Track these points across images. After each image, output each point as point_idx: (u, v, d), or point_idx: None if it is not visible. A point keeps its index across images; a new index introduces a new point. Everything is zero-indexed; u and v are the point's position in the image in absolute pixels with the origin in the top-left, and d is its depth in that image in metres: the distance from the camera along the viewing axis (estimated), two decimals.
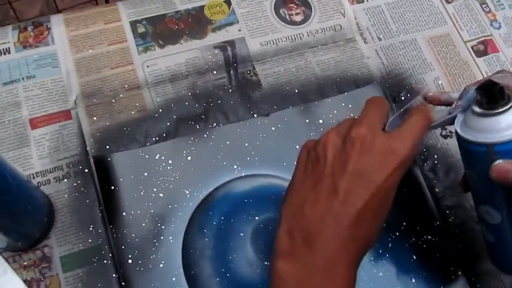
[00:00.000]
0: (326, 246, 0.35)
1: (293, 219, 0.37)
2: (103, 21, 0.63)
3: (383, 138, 0.37)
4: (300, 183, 0.38)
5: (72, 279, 0.52)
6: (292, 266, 0.35)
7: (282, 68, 0.64)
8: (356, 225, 0.35)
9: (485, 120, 0.41)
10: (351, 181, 0.36)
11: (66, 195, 0.55)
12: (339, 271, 0.35)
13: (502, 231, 0.45)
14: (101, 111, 0.59)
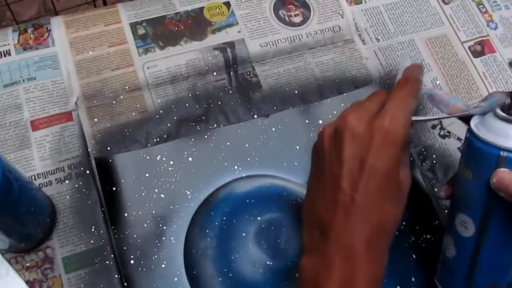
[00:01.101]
0: (340, 235, 0.36)
1: (309, 218, 0.39)
2: (103, 23, 0.63)
3: (367, 120, 0.38)
4: (311, 182, 0.41)
5: (75, 280, 0.52)
6: (311, 259, 0.37)
7: (281, 69, 0.64)
8: (364, 209, 0.37)
9: (506, 125, 0.41)
10: (347, 169, 0.37)
11: (68, 197, 0.55)
12: (355, 255, 0.36)
13: (469, 245, 0.45)
14: (102, 112, 0.59)
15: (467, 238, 0.45)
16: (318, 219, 0.38)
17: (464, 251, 0.46)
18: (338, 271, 0.36)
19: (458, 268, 0.47)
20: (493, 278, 0.45)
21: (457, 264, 0.47)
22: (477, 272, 0.45)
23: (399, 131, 0.38)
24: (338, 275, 0.36)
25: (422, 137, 0.62)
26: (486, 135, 0.42)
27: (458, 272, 0.47)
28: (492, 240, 0.44)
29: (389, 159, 0.37)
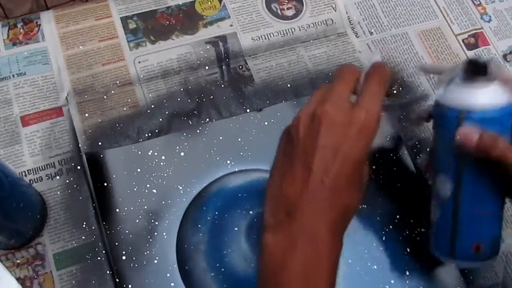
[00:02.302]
0: (306, 216, 0.38)
1: (275, 197, 0.40)
2: (93, 17, 0.63)
3: (345, 109, 0.39)
4: (279, 165, 0.41)
5: (66, 277, 0.52)
6: (277, 237, 0.38)
7: (274, 62, 0.64)
8: (332, 194, 0.38)
9: (464, 90, 0.45)
10: (321, 155, 0.38)
11: (59, 192, 0.55)
12: (320, 238, 0.37)
13: (449, 203, 0.48)
14: (93, 107, 0.58)
15: (446, 197, 0.48)
16: (285, 199, 0.39)
17: (445, 210, 0.49)
18: (303, 250, 0.37)
19: (443, 230, 0.50)
20: (476, 236, 0.48)
21: (441, 225, 0.50)
22: (459, 230, 0.48)
23: (373, 126, 0.40)
24: (303, 253, 0.37)
25: (416, 130, 0.62)
26: (447, 101, 0.46)
27: (443, 234, 0.49)
28: (467, 195, 0.47)
29: (362, 150, 0.39)
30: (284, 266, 0.37)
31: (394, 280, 0.56)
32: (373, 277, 0.56)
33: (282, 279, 0.37)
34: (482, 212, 0.47)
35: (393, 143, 0.61)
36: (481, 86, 0.45)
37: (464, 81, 0.45)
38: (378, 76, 0.42)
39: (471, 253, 0.48)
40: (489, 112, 0.44)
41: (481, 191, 0.47)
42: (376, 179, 0.60)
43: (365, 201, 0.58)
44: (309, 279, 0.37)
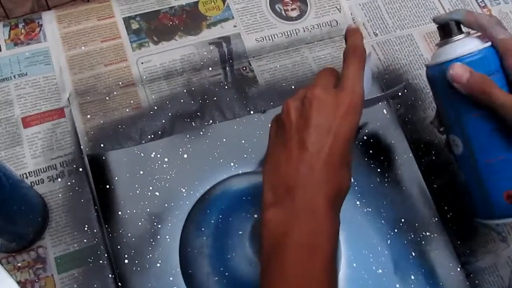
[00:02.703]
0: (305, 191, 0.40)
1: (273, 177, 0.42)
2: (96, 17, 0.62)
3: (333, 92, 0.43)
4: (273, 148, 0.43)
5: (68, 280, 0.51)
6: (278, 212, 0.40)
7: (278, 64, 0.63)
8: (327, 170, 0.40)
9: (444, 48, 0.51)
10: (314, 134, 0.41)
11: (60, 195, 0.54)
12: (320, 210, 0.39)
13: (467, 161, 0.52)
14: (95, 108, 0.58)
15: (462, 155, 0.52)
16: (284, 178, 0.41)
17: (466, 169, 0.52)
18: (304, 221, 0.39)
19: (472, 191, 0.53)
20: (503, 184, 0.50)
21: (470, 187, 0.53)
22: (485, 183, 0.51)
23: (359, 105, 0.43)
24: (304, 224, 0.39)
25: (422, 133, 0.62)
26: (434, 62, 0.52)
27: (475, 195, 0.52)
28: (477, 145, 0.50)
29: (351, 128, 0.42)
30: (286, 236, 0.39)
31: (399, 284, 0.55)
32: (377, 281, 0.55)
33: (285, 249, 0.38)
34: (498, 158, 0.50)
35: (398, 146, 0.61)
36: (457, 39, 0.51)
37: (442, 43, 0.52)
38: (356, 57, 0.45)
39: (506, 204, 0.50)
40: (468, 56, 0.49)
41: (488, 138, 0.50)
42: (381, 183, 0.59)
43: (370, 204, 0.58)
44: (311, 247, 0.38)
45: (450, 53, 0.50)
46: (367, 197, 0.58)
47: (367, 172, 0.59)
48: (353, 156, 0.45)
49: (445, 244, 0.57)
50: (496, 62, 0.50)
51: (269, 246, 0.39)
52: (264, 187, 0.42)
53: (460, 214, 0.59)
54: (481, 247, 0.59)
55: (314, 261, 0.38)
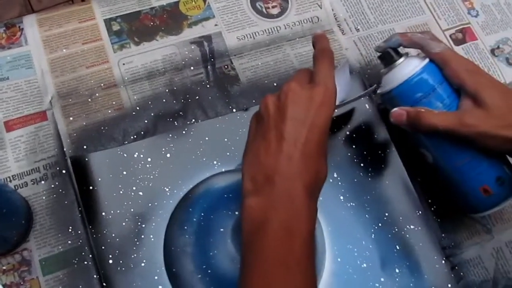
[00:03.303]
0: (283, 178, 0.41)
1: (252, 167, 0.43)
2: (77, 20, 0.62)
3: (307, 87, 0.45)
4: (253, 140, 0.45)
5: (53, 282, 0.51)
6: (257, 200, 0.41)
7: (260, 61, 0.63)
8: (304, 159, 0.42)
9: (388, 76, 0.55)
10: (291, 125, 0.43)
11: (44, 197, 0.54)
12: (298, 197, 0.41)
13: (439, 167, 0.55)
14: (77, 111, 0.58)
15: (433, 163, 0.55)
16: (263, 167, 0.42)
17: (441, 174, 0.55)
18: (283, 207, 0.40)
19: (455, 191, 0.55)
20: (476, 181, 0.53)
21: (451, 187, 0.55)
22: (462, 183, 0.54)
23: (332, 98, 0.45)
24: (283, 210, 0.40)
25: None
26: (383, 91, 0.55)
27: (458, 194, 0.55)
28: (441, 154, 0.54)
29: (325, 119, 0.44)
30: (266, 223, 0.40)
31: (384, 278, 0.55)
32: (362, 275, 0.55)
33: (265, 234, 0.40)
34: (465, 160, 0.53)
35: (381, 141, 0.61)
36: (398, 64, 0.55)
37: (386, 71, 0.56)
38: (325, 57, 0.48)
39: (485, 198, 0.53)
40: (411, 78, 0.53)
41: (449, 147, 0.53)
42: (364, 177, 0.59)
43: (354, 199, 0.58)
44: (289, 230, 0.40)
45: (395, 80, 0.54)
46: (351, 192, 0.58)
47: (350, 167, 0.60)
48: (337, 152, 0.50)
49: (429, 237, 0.58)
50: (438, 74, 0.53)
51: (249, 232, 0.41)
52: (244, 177, 0.43)
53: (444, 207, 0.59)
54: (466, 239, 0.59)
55: (293, 243, 0.40)
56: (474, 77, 0.52)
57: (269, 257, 0.39)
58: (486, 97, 0.50)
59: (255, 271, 0.39)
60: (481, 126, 0.49)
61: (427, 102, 0.53)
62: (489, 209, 0.54)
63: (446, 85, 0.53)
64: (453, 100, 0.52)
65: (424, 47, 0.54)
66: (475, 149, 0.52)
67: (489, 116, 0.49)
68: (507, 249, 0.59)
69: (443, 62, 0.53)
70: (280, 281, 0.38)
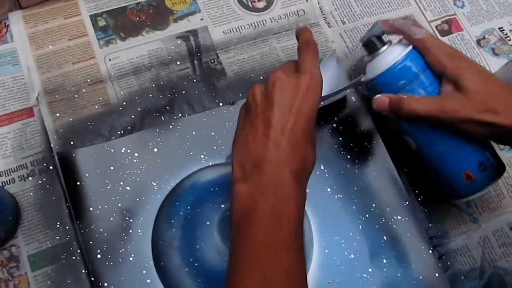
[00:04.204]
0: (272, 165, 0.42)
1: (241, 155, 0.44)
2: (62, 16, 0.62)
3: (294, 76, 0.46)
4: (241, 129, 0.46)
5: (41, 277, 0.51)
6: (246, 186, 0.42)
7: (246, 55, 0.63)
8: (292, 145, 0.43)
9: (372, 63, 0.56)
10: (278, 112, 0.43)
11: (32, 193, 0.54)
12: (287, 182, 0.41)
13: (422, 154, 0.55)
14: (64, 107, 0.58)
15: (417, 150, 0.56)
16: (251, 154, 0.43)
17: (425, 160, 0.56)
18: (272, 192, 0.41)
19: (438, 178, 0.56)
20: (459, 166, 0.54)
21: (434, 174, 0.56)
22: (444, 169, 0.54)
23: (318, 86, 0.46)
24: (272, 195, 0.41)
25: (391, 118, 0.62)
26: (367, 78, 0.56)
27: (441, 180, 0.56)
28: (424, 141, 0.54)
29: (312, 106, 0.44)
30: (255, 207, 0.41)
31: (371, 269, 0.56)
32: (350, 266, 0.56)
33: (254, 219, 0.40)
34: (446, 146, 0.53)
35: (368, 133, 0.61)
36: (382, 52, 0.55)
37: (370, 58, 0.56)
38: (309, 48, 0.49)
39: (467, 183, 0.54)
40: (394, 65, 0.53)
41: (432, 133, 0.53)
42: (351, 169, 0.60)
43: (341, 190, 0.59)
44: (278, 215, 0.41)
45: (378, 68, 0.54)
46: (338, 184, 0.59)
47: (337, 159, 0.60)
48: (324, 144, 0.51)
49: (416, 227, 0.58)
50: (421, 61, 0.53)
51: (239, 218, 0.41)
52: (233, 165, 0.44)
53: (431, 197, 0.60)
54: (452, 228, 0.59)
55: (281, 227, 0.40)
56: (455, 62, 0.52)
57: (258, 239, 0.40)
58: (466, 81, 0.50)
59: (244, 252, 0.40)
60: (461, 111, 0.50)
61: (410, 89, 0.53)
62: (471, 194, 0.54)
63: (429, 72, 0.53)
64: (435, 87, 0.52)
65: (406, 33, 0.54)
66: (457, 135, 0.52)
67: (469, 101, 0.50)
68: (494, 238, 0.60)
69: (425, 48, 0.53)
70: (268, 261, 0.39)
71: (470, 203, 0.61)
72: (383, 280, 0.55)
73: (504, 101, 0.50)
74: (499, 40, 0.69)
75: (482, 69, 0.52)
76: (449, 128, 0.51)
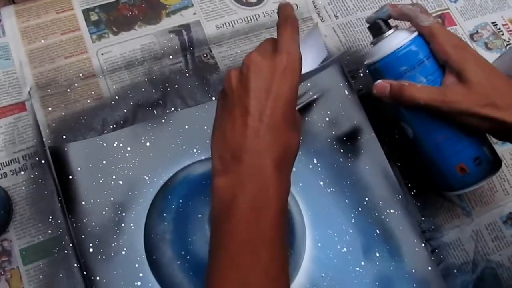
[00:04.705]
0: (251, 155, 0.40)
1: (220, 145, 0.42)
2: (54, 10, 0.62)
3: (269, 56, 0.43)
4: (219, 118, 0.44)
5: (33, 271, 0.51)
6: (225, 179, 0.40)
7: (239, 49, 0.63)
8: (271, 132, 0.40)
9: (376, 47, 0.55)
10: (254, 97, 0.41)
11: (24, 188, 0.54)
12: (267, 172, 0.40)
13: (418, 143, 0.55)
14: (56, 101, 0.58)
15: (413, 138, 0.55)
16: (230, 144, 0.41)
17: (420, 150, 0.56)
18: (251, 184, 0.39)
19: (432, 168, 0.56)
20: (453, 159, 0.53)
21: (428, 165, 0.56)
22: (438, 160, 0.54)
23: (296, 66, 0.43)
24: (252, 187, 0.39)
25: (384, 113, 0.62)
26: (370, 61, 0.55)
27: (434, 172, 0.56)
28: (421, 129, 0.54)
29: (290, 88, 0.42)
30: (234, 202, 0.39)
31: (364, 262, 0.56)
32: (343, 260, 0.56)
33: (232, 214, 0.39)
34: (443, 137, 0.53)
35: (361, 127, 0.61)
36: (387, 36, 0.55)
37: (375, 41, 0.55)
38: (288, 24, 0.45)
39: (460, 176, 0.54)
40: (399, 50, 0.53)
41: (430, 122, 0.53)
42: (344, 163, 0.60)
43: (334, 184, 0.59)
44: (257, 208, 0.39)
45: (382, 51, 0.54)
46: (331, 178, 0.59)
47: (330, 153, 0.60)
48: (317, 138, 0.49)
49: (409, 221, 0.58)
50: (425, 48, 0.53)
51: (218, 212, 0.40)
52: (212, 157, 0.42)
53: (424, 191, 0.60)
54: (445, 222, 0.59)
55: (260, 221, 0.39)
56: (460, 52, 0.51)
57: (236, 237, 0.38)
58: (470, 74, 0.50)
59: (222, 252, 0.39)
60: (463, 103, 0.49)
61: (411, 76, 0.52)
62: (463, 188, 0.54)
63: (432, 60, 0.53)
64: (437, 76, 0.52)
65: (413, 19, 0.54)
66: (455, 126, 0.52)
67: (472, 93, 0.49)
68: (487, 232, 0.60)
69: (431, 35, 0.52)
70: (246, 261, 0.38)
71: (463, 196, 0.61)
72: (376, 274, 0.56)
73: (507, 96, 0.49)
74: (492, 34, 0.70)
75: (487, 63, 0.52)
76: (448, 119, 0.51)
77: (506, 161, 0.63)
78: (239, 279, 0.37)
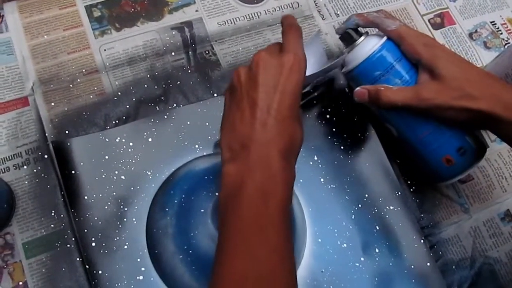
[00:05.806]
0: (259, 145, 0.42)
1: (229, 136, 0.44)
2: (57, 6, 0.62)
3: (277, 55, 0.46)
4: (228, 111, 0.46)
5: (36, 265, 0.52)
6: (235, 165, 0.42)
7: (240, 47, 0.64)
8: (278, 124, 0.43)
9: (350, 55, 0.56)
10: (263, 91, 0.44)
11: (27, 182, 0.55)
12: (274, 161, 0.42)
13: (404, 140, 0.56)
14: (59, 96, 0.58)
15: (398, 137, 0.57)
16: (239, 135, 0.43)
17: (406, 146, 0.57)
18: (259, 171, 0.41)
19: (420, 162, 0.57)
20: (438, 151, 0.55)
21: (416, 159, 0.57)
22: (424, 154, 0.55)
23: (302, 64, 0.46)
24: (259, 174, 0.41)
25: None
26: (346, 70, 0.57)
27: (423, 165, 0.57)
28: (404, 127, 0.56)
29: (296, 83, 0.45)
30: (242, 186, 0.41)
31: (364, 258, 0.56)
32: (343, 256, 0.56)
33: (241, 196, 0.41)
34: (425, 133, 0.54)
35: (361, 124, 0.62)
36: (358, 43, 0.56)
37: (348, 50, 0.57)
38: (292, 30, 0.49)
39: (447, 167, 0.55)
40: (371, 56, 0.54)
41: (412, 120, 0.54)
42: (344, 159, 0.60)
43: (334, 181, 0.59)
44: (265, 193, 0.41)
45: (356, 59, 0.55)
46: (331, 174, 0.59)
47: (330, 150, 0.60)
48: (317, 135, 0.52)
49: (408, 218, 0.59)
50: (396, 51, 0.54)
51: (226, 197, 0.42)
52: (221, 147, 0.44)
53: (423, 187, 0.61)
54: (444, 219, 0.60)
55: (269, 205, 0.41)
56: (430, 50, 0.52)
57: (245, 218, 0.40)
58: (442, 69, 0.51)
59: (231, 231, 0.40)
60: (438, 98, 0.51)
61: (386, 79, 0.54)
62: (452, 177, 0.56)
63: (405, 61, 0.54)
64: (412, 75, 0.53)
65: (380, 25, 0.55)
66: (435, 121, 0.53)
67: (445, 88, 0.51)
68: (485, 228, 0.60)
69: (399, 38, 0.54)
70: (255, 239, 0.39)
71: (461, 193, 0.61)
72: (375, 269, 0.56)
73: (481, 86, 0.50)
74: (491, 33, 0.70)
75: (458, 57, 0.53)
76: (428, 115, 0.52)
77: (504, 159, 0.64)
78: (249, 256, 0.39)
